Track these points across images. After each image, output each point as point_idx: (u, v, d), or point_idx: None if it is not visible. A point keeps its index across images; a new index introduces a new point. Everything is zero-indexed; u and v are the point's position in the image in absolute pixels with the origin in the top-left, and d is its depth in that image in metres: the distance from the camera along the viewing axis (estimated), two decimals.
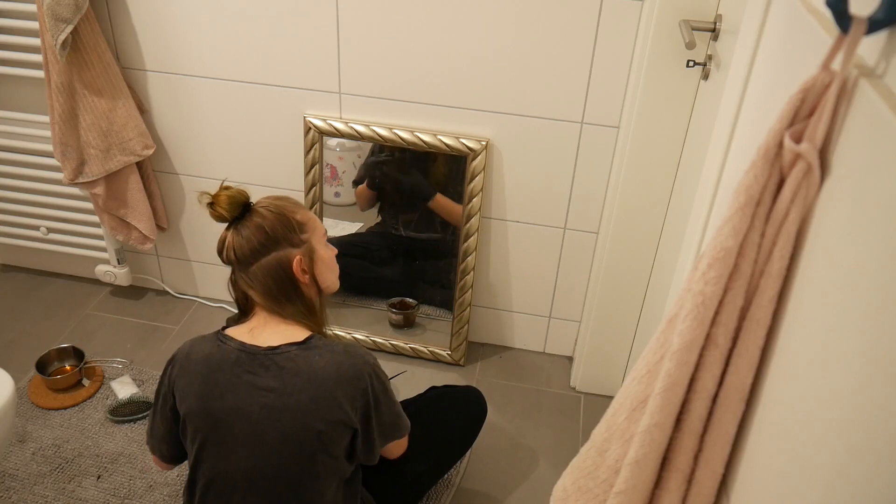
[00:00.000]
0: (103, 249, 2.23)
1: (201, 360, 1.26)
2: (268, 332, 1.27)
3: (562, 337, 2.19)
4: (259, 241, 1.28)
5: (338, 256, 1.41)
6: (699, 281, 0.65)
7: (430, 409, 1.63)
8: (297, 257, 1.30)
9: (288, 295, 1.30)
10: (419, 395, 1.68)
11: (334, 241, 2.15)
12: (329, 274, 1.38)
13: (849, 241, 0.53)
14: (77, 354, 2.06)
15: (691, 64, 1.49)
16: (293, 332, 1.28)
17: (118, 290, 2.39)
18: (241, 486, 1.24)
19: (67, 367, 2.05)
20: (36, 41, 1.87)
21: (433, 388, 1.71)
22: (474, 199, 1.92)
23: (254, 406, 1.21)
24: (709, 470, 0.71)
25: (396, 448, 1.42)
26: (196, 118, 2.02)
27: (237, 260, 1.29)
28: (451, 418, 1.64)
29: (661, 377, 0.68)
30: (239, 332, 1.28)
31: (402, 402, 1.63)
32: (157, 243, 2.27)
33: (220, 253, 1.32)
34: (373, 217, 2.18)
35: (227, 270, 1.37)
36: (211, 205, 1.29)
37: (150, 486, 1.75)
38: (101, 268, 2.27)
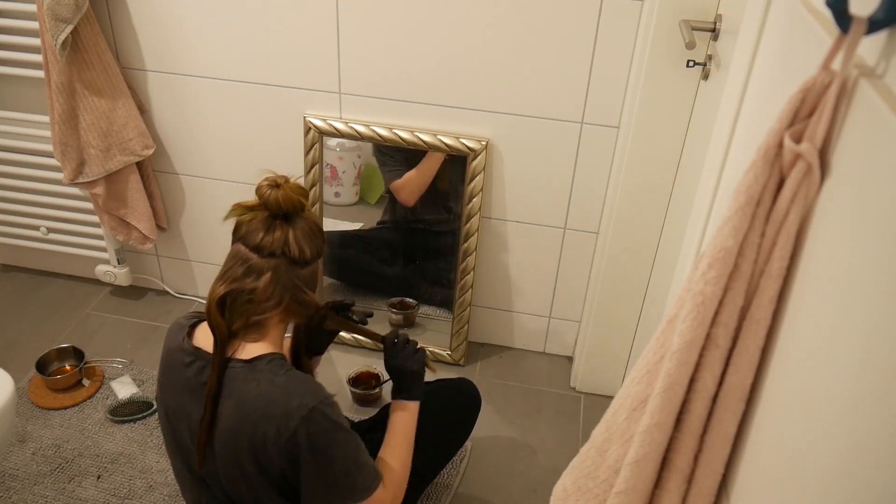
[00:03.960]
0: (103, 249, 2.23)
1: (167, 351, 1.25)
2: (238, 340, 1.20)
3: (562, 337, 2.19)
4: (318, 246, 1.20)
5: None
6: (699, 281, 0.65)
7: (423, 404, 1.62)
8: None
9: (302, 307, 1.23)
10: None
11: (336, 235, 2.16)
12: None
13: (849, 240, 0.53)
14: (77, 354, 2.06)
15: (691, 64, 1.49)
16: (256, 346, 1.19)
17: (118, 290, 2.39)
18: (193, 485, 1.27)
19: (67, 367, 2.05)
20: (36, 41, 1.87)
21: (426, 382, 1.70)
22: (474, 199, 1.92)
23: (195, 413, 1.19)
24: (709, 470, 0.71)
25: None
26: (196, 118, 2.02)
27: (296, 258, 1.17)
28: (445, 412, 1.62)
29: (661, 377, 0.68)
30: (207, 334, 1.21)
31: None
32: (157, 243, 2.27)
33: (267, 246, 1.16)
34: (373, 217, 2.18)
35: None
36: (277, 185, 1.16)
37: (150, 486, 1.75)
38: (101, 268, 2.27)
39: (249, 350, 1.18)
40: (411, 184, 2.04)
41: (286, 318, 1.24)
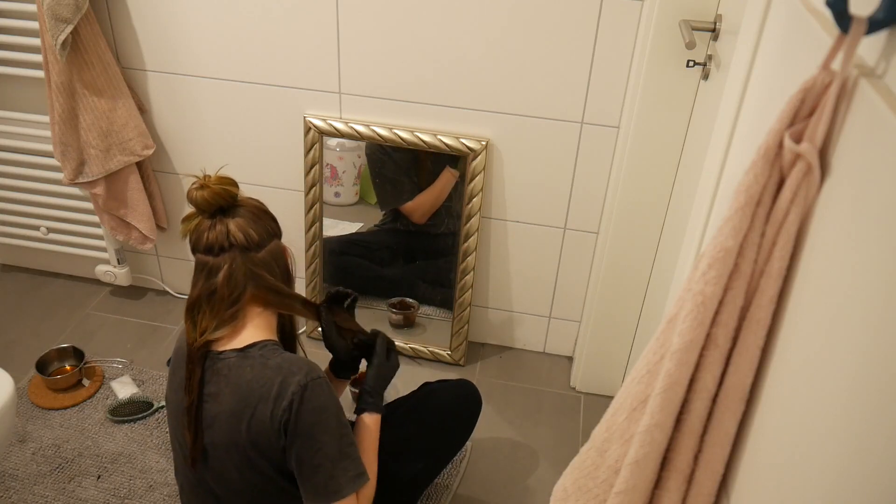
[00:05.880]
0: (103, 249, 2.23)
1: (175, 350, 1.30)
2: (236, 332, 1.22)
3: (562, 337, 2.19)
4: (266, 226, 1.22)
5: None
6: (699, 281, 0.65)
7: (423, 405, 1.61)
8: (285, 246, 1.29)
9: (285, 285, 1.28)
10: (412, 393, 1.67)
11: (335, 241, 2.16)
12: None
13: (849, 240, 0.53)
14: (77, 354, 2.06)
15: (691, 64, 1.49)
16: (244, 336, 1.21)
17: (118, 290, 2.39)
18: (197, 486, 1.27)
19: (67, 367, 2.05)
20: (36, 41, 1.87)
21: (426, 383, 1.70)
22: (474, 199, 1.92)
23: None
24: (709, 470, 0.71)
25: None
26: (196, 118, 2.02)
27: (245, 244, 1.19)
28: (446, 413, 1.63)
29: (661, 377, 0.68)
30: None
31: (395, 401, 1.61)
32: (157, 243, 2.26)
33: (214, 243, 1.18)
34: (373, 216, 2.18)
35: None
36: (203, 186, 1.18)
37: (150, 486, 1.75)
38: (101, 268, 2.27)
39: (241, 339, 1.21)
40: (424, 206, 2.07)
41: (265, 307, 1.25)
